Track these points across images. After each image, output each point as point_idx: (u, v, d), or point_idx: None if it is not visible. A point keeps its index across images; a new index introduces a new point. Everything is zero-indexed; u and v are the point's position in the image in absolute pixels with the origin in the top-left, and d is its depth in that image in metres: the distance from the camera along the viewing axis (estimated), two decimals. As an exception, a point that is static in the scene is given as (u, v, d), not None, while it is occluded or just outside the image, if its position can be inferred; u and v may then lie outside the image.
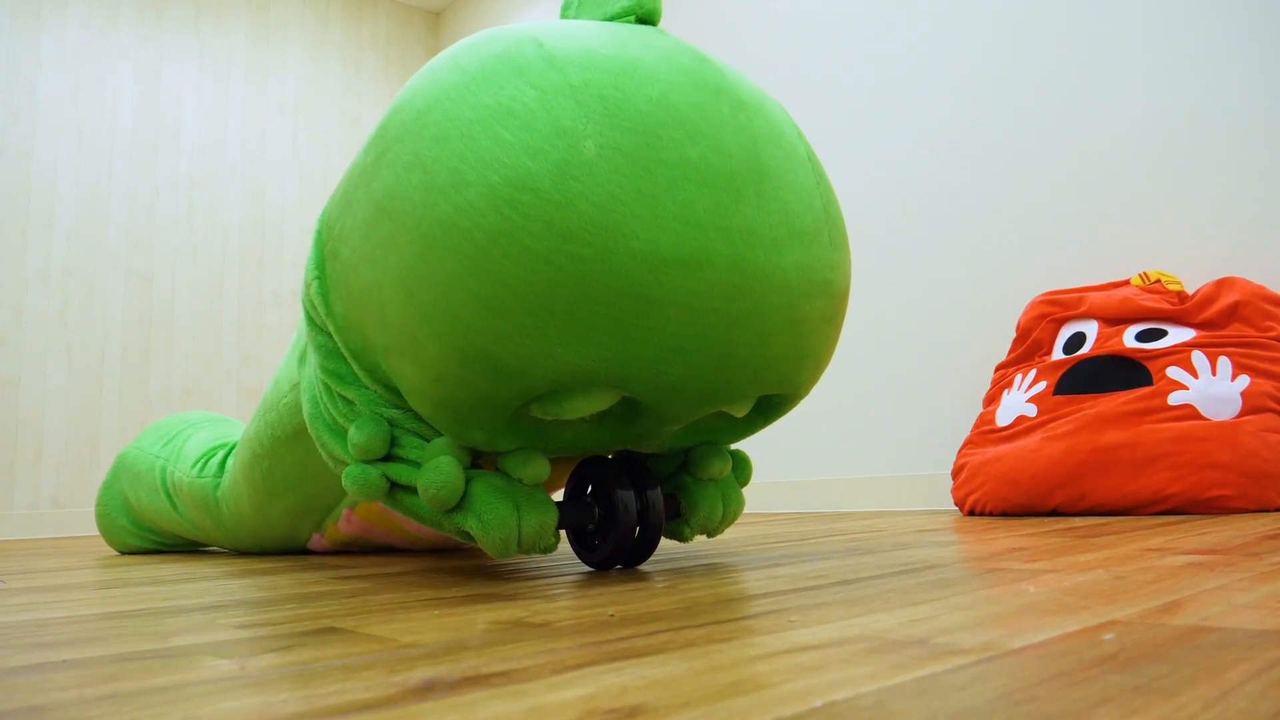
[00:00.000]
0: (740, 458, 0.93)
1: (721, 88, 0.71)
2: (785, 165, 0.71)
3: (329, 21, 3.60)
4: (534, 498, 0.77)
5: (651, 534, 0.83)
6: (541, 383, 0.67)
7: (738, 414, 0.80)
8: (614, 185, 0.63)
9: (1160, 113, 1.66)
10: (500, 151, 0.63)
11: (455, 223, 0.64)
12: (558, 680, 0.34)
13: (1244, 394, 1.31)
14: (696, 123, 0.67)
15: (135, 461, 1.52)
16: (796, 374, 0.75)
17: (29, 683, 0.39)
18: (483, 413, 0.70)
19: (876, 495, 2.05)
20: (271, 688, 0.36)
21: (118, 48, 3.11)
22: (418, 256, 0.66)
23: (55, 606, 0.71)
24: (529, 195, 0.62)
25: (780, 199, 0.70)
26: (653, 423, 0.74)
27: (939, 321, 1.98)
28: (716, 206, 0.65)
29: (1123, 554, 0.75)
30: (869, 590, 0.58)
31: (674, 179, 0.64)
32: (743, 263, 0.66)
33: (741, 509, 0.93)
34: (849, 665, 0.35)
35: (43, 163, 2.93)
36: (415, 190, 0.66)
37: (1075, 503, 1.36)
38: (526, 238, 0.62)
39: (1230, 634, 0.38)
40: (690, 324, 0.66)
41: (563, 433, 0.76)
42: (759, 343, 0.70)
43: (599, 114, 0.64)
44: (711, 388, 0.71)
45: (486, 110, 0.65)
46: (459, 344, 0.66)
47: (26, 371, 2.84)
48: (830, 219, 0.75)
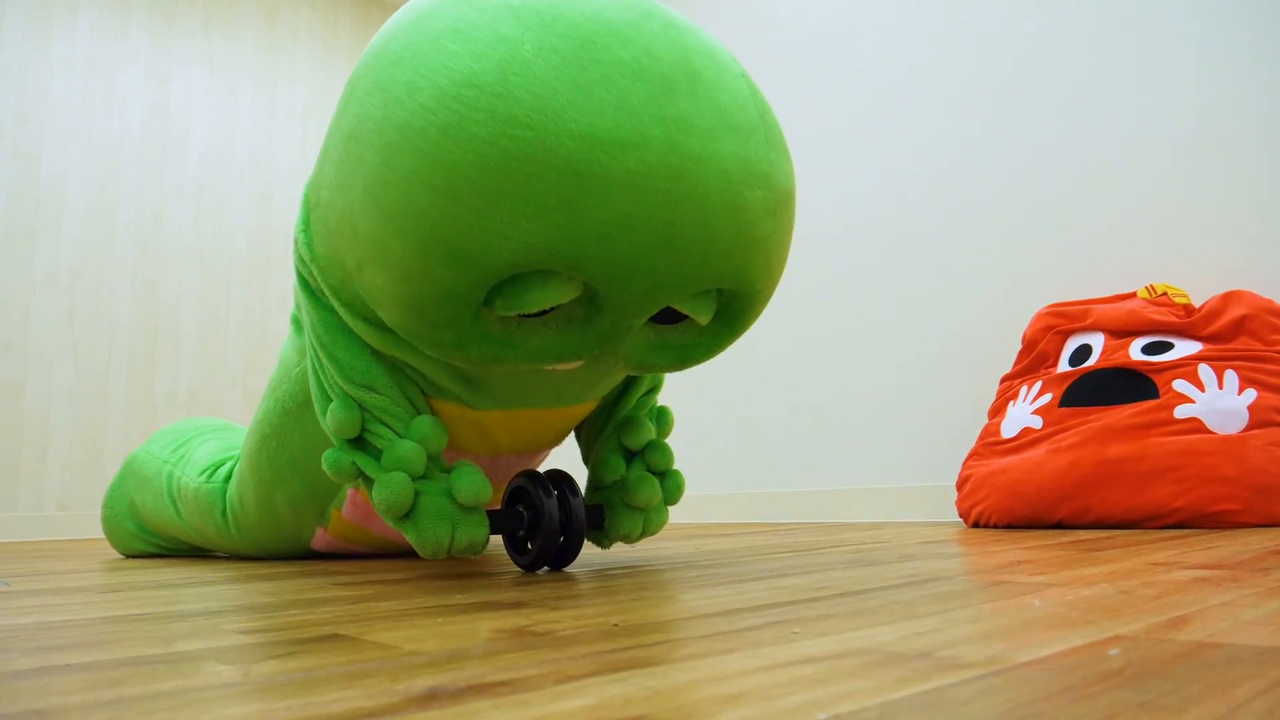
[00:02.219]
0: (674, 478, 1.02)
1: (653, 12, 0.79)
2: (717, 73, 0.78)
3: (338, 28, 3.61)
4: (469, 519, 0.87)
5: (574, 540, 0.92)
6: (499, 264, 0.72)
7: (700, 318, 0.84)
8: (551, 78, 0.70)
9: (1168, 125, 1.66)
10: (447, 60, 0.71)
11: (410, 124, 0.71)
12: (561, 690, 0.34)
13: (1251, 408, 1.30)
14: (628, 33, 0.74)
15: (143, 465, 1.52)
16: (746, 265, 0.80)
17: (33, 686, 0.39)
18: (448, 308, 0.75)
19: (880, 506, 2.05)
20: (274, 694, 0.36)
21: (128, 52, 3.13)
22: (380, 163, 0.73)
23: (59, 610, 0.71)
24: (473, 90, 0.69)
25: (713, 98, 0.76)
26: (613, 317, 0.79)
27: (944, 332, 1.98)
28: (650, 97, 0.72)
29: (1128, 568, 0.75)
30: (873, 602, 0.58)
31: (608, 74, 0.71)
32: (678, 146, 0.72)
33: (663, 524, 1.03)
34: (853, 678, 0.35)
35: (52, 166, 2.94)
36: (376, 109, 0.74)
37: (1080, 515, 1.36)
38: (473, 125, 0.69)
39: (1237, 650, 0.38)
40: (632, 201, 0.71)
41: (531, 340, 0.80)
42: (702, 224, 0.74)
43: (536, 24, 0.72)
44: (661, 269, 0.75)
45: (435, 32, 0.73)
46: (420, 235, 0.72)
47: (33, 374, 2.85)
48: (766, 123, 0.81)
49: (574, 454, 2.91)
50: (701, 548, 1.23)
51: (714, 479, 2.47)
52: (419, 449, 0.88)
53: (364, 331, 0.90)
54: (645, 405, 1.07)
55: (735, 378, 2.44)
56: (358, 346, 0.94)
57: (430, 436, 0.90)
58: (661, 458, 1.02)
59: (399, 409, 0.91)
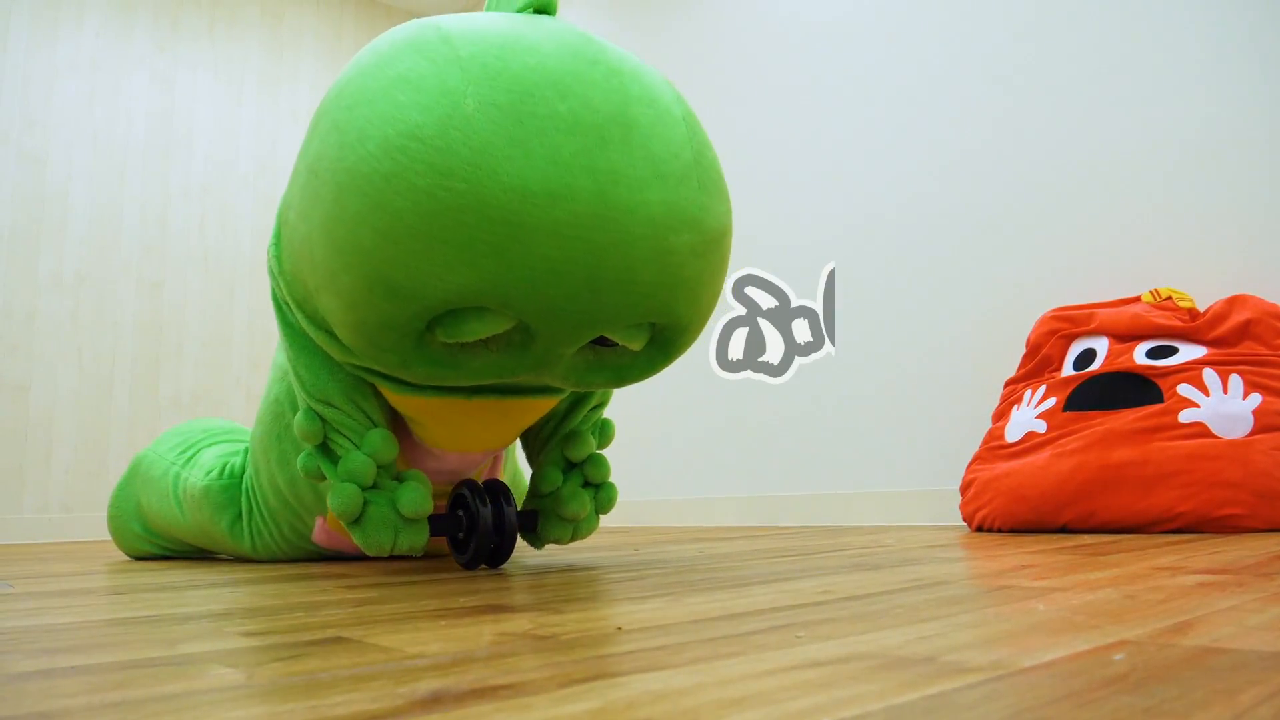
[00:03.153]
0: (607, 490, 1.12)
1: (599, 59, 0.83)
2: (654, 121, 0.83)
3: (342, 31, 3.62)
4: (410, 527, 0.98)
5: (507, 543, 1.03)
6: (435, 302, 0.79)
7: (632, 345, 0.91)
8: (488, 133, 0.75)
9: (1172, 129, 1.66)
10: (396, 111, 0.77)
11: (359, 169, 0.77)
12: (564, 694, 0.34)
13: (1255, 412, 1.30)
14: (568, 84, 0.79)
15: (150, 466, 1.53)
16: (672, 303, 0.86)
17: (37, 689, 0.39)
18: (391, 334, 0.83)
19: (884, 510, 2.05)
20: (278, 697, 0.36)
21: (133, 56, 3.14)
22: (333, 201, 0.80)
23: (63, 612, 0.72)
24: (415, 143, 0.75)
25: (646, 147, 0.81)
26: (546, 345, 0.86)
27: (948, 335, 1.98)
28: (582, 149, 0.77)
29: (1133, 573, 0.74)
30: (877, 606, 0.58)
31: (543, 128, 0.77)
32: (606, 197, 0.78)
33: (594, 530, 1.13)
34: (857, 682, 0.35)
35: (57, 169, 2.95)
36: (332, 149, 0.81)
37: (1085, 520, 1.35)
38: (413, 175, 0.75)
39: (1242, 656, 0.38)
40: (559, 249, 0.77)
41: (472, 361, 0.88)
42: (627, 269, 0.80)
43: (480, 78, 0.77)
44: (587, 309, 0.81)
45: (388, 80, 0.79)
46: (365, 271, 0.79)
47: (37, 376, 2.85)
48: (701, 167, 0.86)
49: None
50: (705, 551, 1.23)
51: (717, 482, 2.47)
52: (369, 462, 0.98)
53: (324, 343, 0.98)
54: (590, 420, 1.15)
55: (738, 381, 2.44)
56: (318, 364, 1.03)
57: (380, 449, 1.00)
58: (598, 471, 1.12)
59: (354, 423, 1.01)
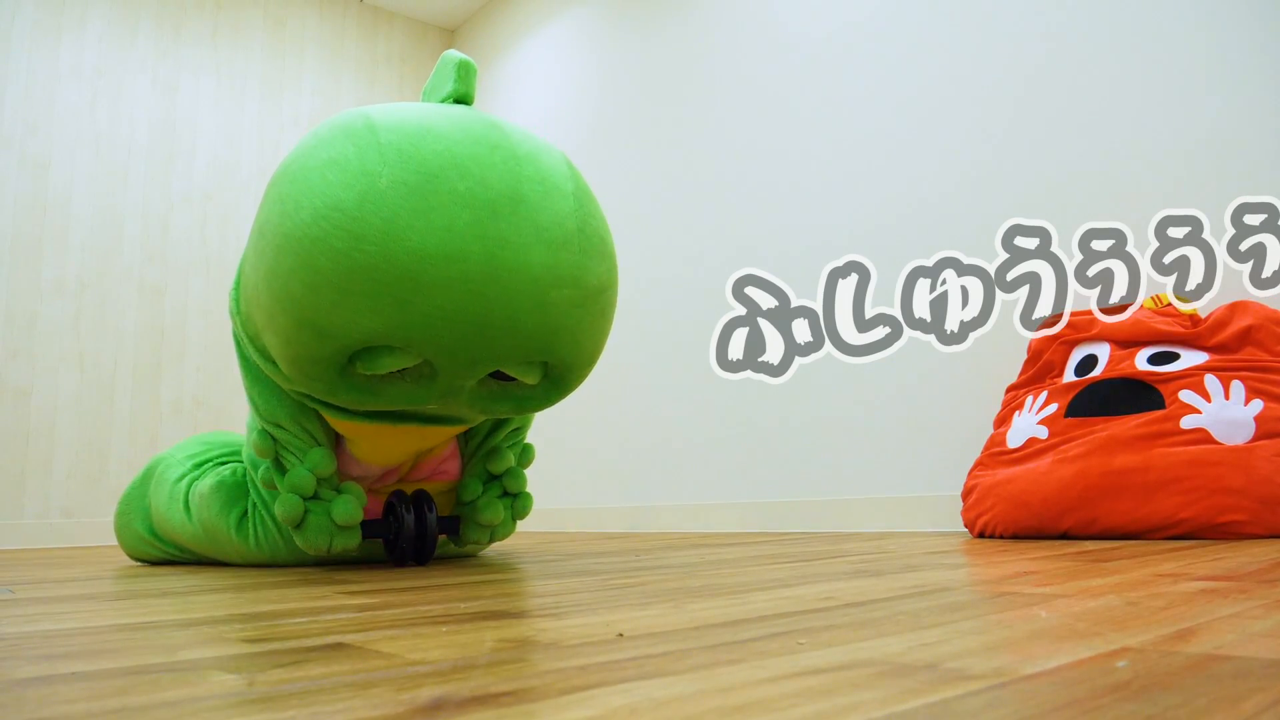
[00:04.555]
0: (524, 499, 1.34)
1: (499, 145, 1.01)
2: (542, 196, 1.01)
3: (345, 37, 3.63)
4: (344, 532, 1.20)
5: (429, 545, 1.25)
6: (351, 341, 0.97)
7: (528, 380, 1.09)
8: (397, 206, 0.93)
9: (1175, 136, 1.66)
10: (325, 187, 0.95)
11: (292, 233, 0.96)
12: (566, 701, 0.34)
13: (1257, 418, 1.30)
14: (468, 166, 0.97)
15: (167, 469, 1.53)
16: (554, 345, 1.04)
17: (38, 695, 0.39)
18: (318, 367, 1.01)
19: (885, 516, 2.04)
20: (278, 704, 0.36)
21: (136, 62, 3.14)
22: (273, 258, 0.99)
23: (64, 618, 0.71)
24: (338, 213, 0.94)
25: (532, 218, 0.99)
26: (448, 379, 1.03)
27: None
28: (475, 221, 0.95)
29: (1135, 579, 0.74)
30: (878, 613, 0.58)
31: (444, 203, 0.94)
32: (494, 259, 0.95)
33: (510, 534, 1.37)
34: (859, 689, 0.35)
35: (59, 174, 2.96)
36: (275, 215, 1.00)
37: (1087, 526, 1.35)
38: (334, 239, 0.93)
39: (1245, 663, 0.38)
40: (452, 301, 0.94)
41: (388, 389, 1.05)
42: (511, 317, 0.97)
43: (394, 161, 0.95)
44: (479, 349, 0.99)
45: (321, 162, 0.98)
46: (295, 315, 0.97)
47: (39, 381, 2.86)
48: (584, 235, 1.04)
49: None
50: (706, 557, 1.23)
51: (718, 488, 2.47)
52: (310, 475, 1.19)
53: (272, 373, 1.16)
54: (512, 440, 1.37)
55: (739, 387, 2.44)
56: (269, 392, 1.22)
57: (320, 464, 1.20)
58: (515, 482, 1.34)
59: (299, 441, 1.21)
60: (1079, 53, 1.82)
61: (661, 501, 2.64)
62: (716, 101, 2.61)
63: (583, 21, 3.14)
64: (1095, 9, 1.80)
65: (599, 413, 2.89)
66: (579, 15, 3.16)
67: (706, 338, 2.54)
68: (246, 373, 1.25)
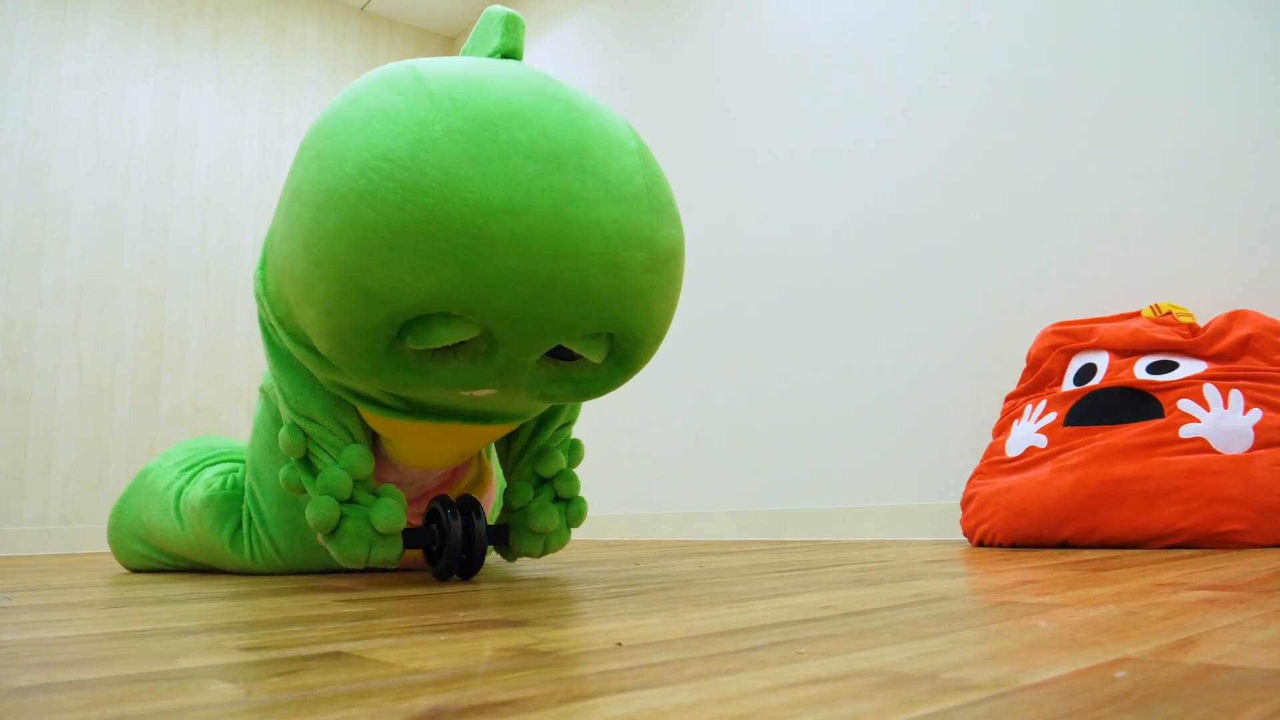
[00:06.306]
0: (578, 504, 1.18)
1: (559, 96, 0.91)
2: (608, 150, 0.90)
3: (346, 44, 3.64)
4: (384, 542, 1.05)
5: (477, 556, 1.09)
6: (404, 306, 0.85)
7: (592, 357, 0.96)
8: (454, 156, 0.82)
9: (1173, 144, 1.67)
10: (371, 137, 0.84)
11: (335, 188, 0.85)
12: (565, 710, 0.34)
13: (1256, 428, 1.30)
14: (528, 116, 0.86)
15: (155, 479, 1.52)
16: (625, 314, 0.92)
17: (35, 704, 0.39)
18: (364, 340, 0.89)
19: (884, 524, 2.04)
20: (275, 713, 0.35)
21: (137, 68, 3.15)
22: (312, 219, 0.87)
23: (62, 625, 0.71)
24: (388, 163, 0.83)
25: (600, 172, 0.88)
26: (509, 353, 0.91)
27: (949, 350, 1.98)
28: (540, 172, 0.84)
29: (1134, 589, 0.74)
30: (878, 622, 0.58)
31: (504, 153, 0.84)
32: (562, 213, 0.84)
33: (564, 544, 1.18)
34: (858, 699, 0.35)
35: (60, 180, 2.96)
36: (313, 174, 0.88)
37: (1086, 535, 1.35)
38: (385, 192, 0.82)
39: (1245, 674, 0.38)
40: (518, 259, 0.83)
41: (439, 369, 0.93)
42: (581, 279, 0.86)
43: (448, 109, 0.84)
44: (545, 316, 0.87)
45: (365, 112, 0.86)
46: (340, 280, 0.86)
47: (38, 387, 2.85)
48: (652, 193, 0.93)
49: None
50: (705, 566, 1.23)
51: (717, 496, 2.47)
52: (346, 476, 1.05)
53: (304, 357, 1.04)
54: (560, 438, 1.22)
55: (739, 394, 2.44)
56: (301, 381, 1.10)
57: (357, 464, 1.06)
58: (568, 486, 1.18)
59: (334, 438, 1.08)
60: (1080, 58, 1.82)
61: (660, 510, 2.63)
62: (719, 107, 2.62)
63: (585, 28, 3.15)
64: (1096, 15, 1.80)
65: (597, 422, 2.89)
66: (581, 22, 3.17)
67: (705, 345, 2.55)
68: (275, 360, 1.12)
